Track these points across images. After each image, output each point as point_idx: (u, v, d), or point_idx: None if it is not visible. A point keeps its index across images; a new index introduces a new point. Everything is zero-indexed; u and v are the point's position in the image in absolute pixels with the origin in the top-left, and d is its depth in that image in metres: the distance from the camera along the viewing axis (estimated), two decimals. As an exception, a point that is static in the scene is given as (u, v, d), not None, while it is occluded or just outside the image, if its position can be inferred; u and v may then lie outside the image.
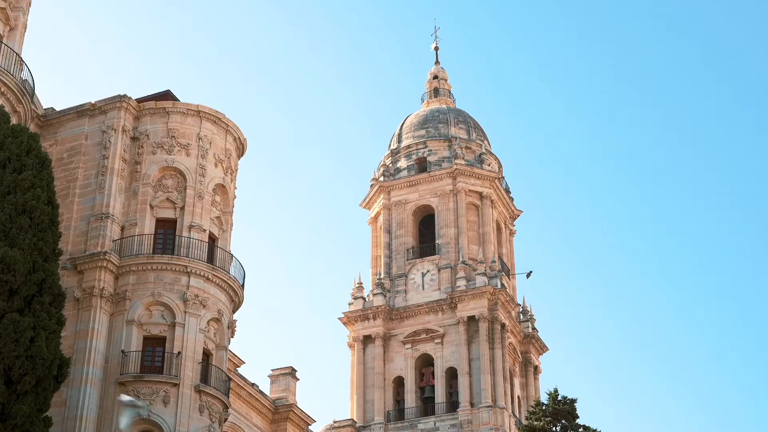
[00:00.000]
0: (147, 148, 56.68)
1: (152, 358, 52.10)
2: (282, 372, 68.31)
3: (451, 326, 78.60)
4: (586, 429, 60.70)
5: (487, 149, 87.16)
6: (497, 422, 73.96)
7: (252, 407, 63.76)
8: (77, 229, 54.65)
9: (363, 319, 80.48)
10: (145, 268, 53.40)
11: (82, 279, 53.20)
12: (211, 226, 56.34)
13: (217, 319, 54.43)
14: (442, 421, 76.18)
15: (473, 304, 77.89)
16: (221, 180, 57.90)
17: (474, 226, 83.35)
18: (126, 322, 52.23)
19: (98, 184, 55.50)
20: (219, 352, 54.58)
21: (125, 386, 50.70)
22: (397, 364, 79.38)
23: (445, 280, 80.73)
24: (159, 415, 50.28)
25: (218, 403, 52.84)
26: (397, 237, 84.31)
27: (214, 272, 54.45)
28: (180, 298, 52.95)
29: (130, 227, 54.84)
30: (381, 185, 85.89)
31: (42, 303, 40.39)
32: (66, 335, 47.09)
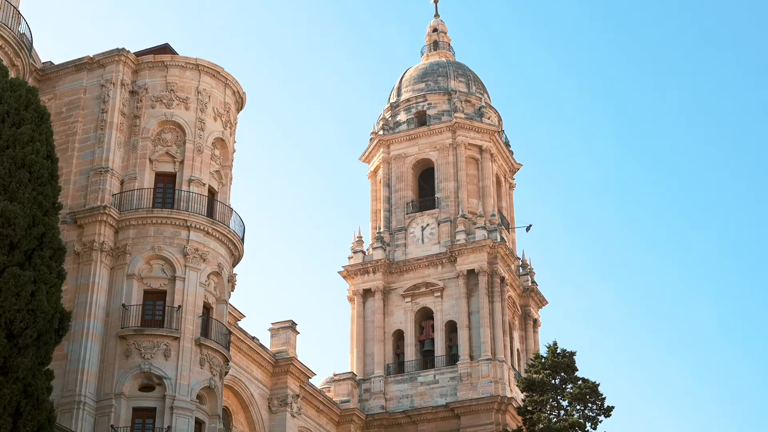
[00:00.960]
0: (146, 102, 56.57)
1: (153, 311, 52.29)
2: (282, 326, 68.58)
3: (450, 280, 78.73)
4: (584, 381, 60.97)
5: (486, 102, 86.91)
6: (496, 375, 74.26)
7: (252, 361, 64.06)
8: (77, 183, 54.67)
9: (363, 273, 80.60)
10: (145, 222, 53.47)
11: (82, 233, 53.28)
12: (210, 180, 56.34)
13: (217, 273, 54.56)
14: (441, 374, 76.50)
15: (473, 258, 77.98)
16: (220, 134, 57.82)
17: (473, 180, 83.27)
18: (126, 276, 52.37)
19: (97, 138, 55.45)
20: (219, 306, 54.76)
21: (126, 340, 50.94)
22: (396, 318, 79.59)
23: (445, 233, 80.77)
24: (160, 369, 50.54)
25: (219, 357, 53.08)
26: (396, 191, 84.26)
27: (214, 226, 54.50)
28: (180, 252, 53.05)
29: (129, 181, 54.86)
30: (380, 139, 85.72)
31: (42, 257, 40.42)
32: (66, 289, 47.20)
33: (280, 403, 65.22)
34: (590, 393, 60.52)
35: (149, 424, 49.83)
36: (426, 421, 74.48)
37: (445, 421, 74.03)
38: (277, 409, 65.14)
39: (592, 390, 60.60)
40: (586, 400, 60.48)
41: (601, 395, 60.80)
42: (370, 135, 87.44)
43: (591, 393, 60.54)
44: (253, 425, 63.87)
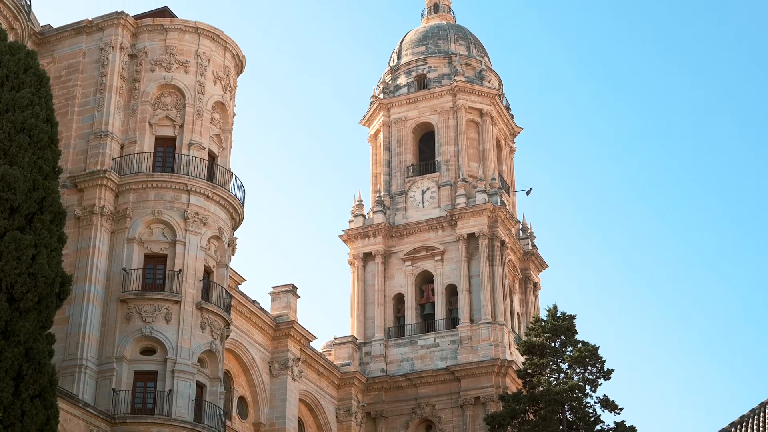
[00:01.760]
0: (145, 66, 56.43)
1: (153, 275, 52.41)
2: (283, 289, 68.68)
3: (450, 243, 78.74)
4: (584, 345, 61.13)
5: (487, 66, 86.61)
6: (497, 338, 74.43)
7: (253, 324, 64.23)
8: (76, 147, 54.65)
9: (363, 237, 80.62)
10: (145, 186, 53.48)
11: (83, 197, 53.31)
12: (210, 143, 56.28)
13: (218, 237, 54.61)
14: (441, 337, 76.67)
15: (473, 222, 77.95)
16: (220, 97, 57.70)
17: (474, 144, 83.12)
18: (127, 240, 52.45)
19: (97, 102, 55.37)
20: (220, 270, 54.85)
21: (127, 304, 51.07)
22: (397, 282, 79.67)
23: (445, 197, 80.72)
24: (161, 332, 50.72)
25: (220, 320, 53.23)
26: (396, 154, 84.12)
27: (214, 190, 54.51)
28: (180, 216, 53.07)
29: (129, 145, 54.83)
30: (380, 102, 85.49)
31: (43, 221, 40.42)
32: (67, 253, 47.30)
33: (281, 367, 65.45)
34: (590, 356, 60.70)
35: (150, 387, 50.08)
36: (426, 384, 74.76)
37: (445, 384, 74.30)
38: (278, 372, 65.38)
39: (591, 353, 60.77)
40: (586, 363, 60.66)
41: (601, 358, 60.98)
42: (370, 98, 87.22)
43: (591, 356, 60.72)
44: (254, 388, 64.13)
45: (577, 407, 59.50)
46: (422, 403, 74.37)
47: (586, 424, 59.55)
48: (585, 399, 60.13)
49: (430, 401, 74.28)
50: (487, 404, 71.59)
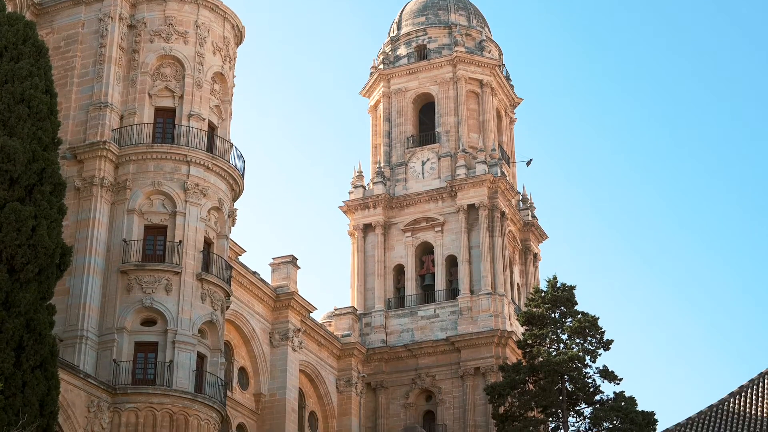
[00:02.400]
0: (144, 36, 56.26)
1: (153, 246, 52.45)
2: (283, 260, 68.73)
3: (451, 214, 78.73)
4: (584, 315, 61.18)
5: (487, 36, 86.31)
6: (497, 309, 74.56)
7: (254, 295, 64.32)
8: (76, 118, 54.56)
9: (363, 208, 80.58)
10: (145, 158, 53.44)
11: (82, 168, 53.28)
12: (210, 114, 56.19)
13: (218, 208, 54.60)
14: (442, 308, 76.79)
15: (473, 192, 77.92)
16: (220, 68, 57.56)
17: (474, 114, 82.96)
18: (127, 212, 52.45)
19: (96, 73, 55.24)
20: (220, 241, 54.87)
21: (127, 275, 51.13)
22: (397, 252, 79.71)
23: (445, 168, 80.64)
24: (161, 303, 50.79)
25: (220, 291, 53.30)
26: (396, 125, 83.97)
27: (214, 161, 54.47)
28: (180, 187, 53.05)
29: (129, 116, 54.74)
30: (380, 73, 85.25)
31: (42, 192, 40.40)
32: (67, 225, 47.33)
33: (282, 338, 65.60)
34: (590, 326, 60.76)
35: (151, 358, 50.21)
36: (426, 354, 74.94)
37: (445, 354, 74.47)
38: (278, 343, 65.53)
39: (591, 323, 60.83)
40: (586, 333, 60.74)
41: (601, 329, 61.05)
42: (370, 69, 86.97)
43: (590, 326, 60.78)
44: (254, 359, 64.30)
45: (576, 378, 59.63)
46: (422, 373, 74.58)
47: (585, 395, 59.71)
48: (584, 369, 60.24)
49: (430, 372, 74.48)
50: (486, 375, 71.80)
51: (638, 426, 57.08)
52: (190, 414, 49.41)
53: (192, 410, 49.55)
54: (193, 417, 49.51)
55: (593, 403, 59.95)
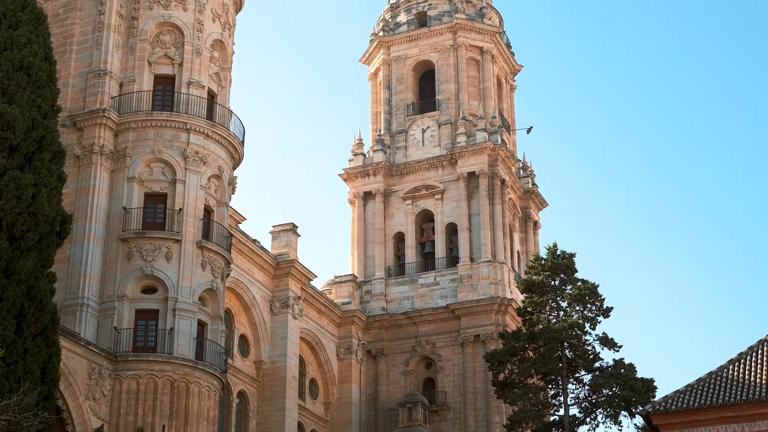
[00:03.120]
0: (144, 3, 56.02)
1: (154, 214, 52.44)
2: (283, 228, 68.76)
3: (451, 182, 78.69)
4: (584, 283, 61.19)
5: (487, 3, 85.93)
6: (497, 277, 74.65)
7: (254, 263, 64.38)
8: (75, 86, 54.42)
9: (363, 176, 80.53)
10: (145, 125, 53.36)
11: (82, 136, 53.21)
12: (209, 82, 56.04)
13: (218, 176, 54.56)
14: (442, 275, 76.89)
15: (473, 160, 77.85)
16: (219, 35, 57.34)
17: (474, 82, 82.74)
18: (127, 179, 52.41)
19: (95, 41, 55.03)
20: (220, 209, 54.87)
21: (127, 243, 51.15)
22: (397, 220, 79.71)
23: (445, 135, 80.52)
24: (162, 271, 50.84)
25: (220, 259, 53.35)
26: (397, 93, 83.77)
27: (214, 129, 54.37)
28: (180, 155, 53.00)
29: (128, 84, 54.60)
30: (381, 40, 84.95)
31: (42, 160, 40.35)
32: (67, 192, 47.30)
33: (282, 305, 65.72)
34: (589, 294, 60.79)
35: (152, 325, 50.32)
36: (426, 322, 75.10)
37: (445, 322, 74.63)
38: (278, 310, 65.67)
39: (591, 291, 60.85)
40: (586, 301, 60.77)
41: (600, 296, 61.08)
42: (370, 36, 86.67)
43: (590, 294, 60.81)
44: (255, 327, 64.45)
45: (576, 345, 59.74)
46: (422, 341, 74.77)
47: (585, 362, 59.85)
48: (584, 336, 60.32)
49: (430, 339, 74.66)
50: (486, 342, 71.98)
51: (637, 393, 57.24)
52: (190, 381, 49.59)
53: (193, 377, 49.72)
54: (194, 384, 49.69)
55: (593, 370, 60.09)
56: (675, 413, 41.93)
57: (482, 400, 71.46)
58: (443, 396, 73.07)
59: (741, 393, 41.54)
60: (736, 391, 41.75)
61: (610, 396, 58.63)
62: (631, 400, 57.57)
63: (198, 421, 49.46)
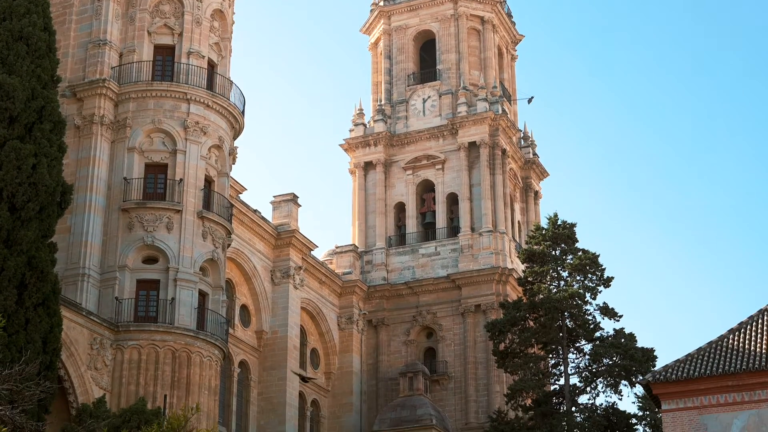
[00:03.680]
0: (143, -28, 55.76)
1: (154, 185, 52.45)
2: (284, 198, 68.74)
3: (452, 152, 78.60)
4: (584, 252, 61.30)
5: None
6: (497, 246, 74.69)
7: (255, 233, 64.42)
8: (75, 56, 54.32)
9: (364, 146, 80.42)
10: (145, 95, 53.30)
11: (82, 106, 53.15)
12: (209, 52, 55.91)
13: (218, 146, 54.53)
14: (443, 245, 76.94)
15: (474, 130, 77.74)
16: (219, 5, 57.15)
17: (475, 51, 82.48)
18: (127, 150, 52.41)
19: (95, 10, 54.86)
20: (220, 179, 54.87)
21: (128, 213, 51.18)
22: (398, 190, 79.67)
23: (446, 105, 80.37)
24: (162, 241, 50.91)
25: (221, 229, 53.40)
26: (397, 63, 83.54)
27: (214, 99, 54.30)
28: (180, 125, 52.96)
29: (128, 54, 54.49)
30: (381, 10, 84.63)
31: (42, 130, 40.33)
32: (67, 163, 47.31)
33: (283, 275, 65.81)
34: (590, 264, 60.91)
35: (153, 295, 50.44)
36: (427, 292, 75.20)
37: (446, 292, 74.72)
38: (279, 280, 65.76)
39: (591, 261, 60.97)
40: (586, 270, 60.91)
41: (601, 266, 61.22)
42: (371, 6, 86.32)
43: (591, 264, 60.93)
44: (256, 297, 64.56)
45: (576, 314, 59.93)
46: (423, 310, 74.89)
47: (585, 331, 60.03)
48: (585, 306, 60.52)
49: (431, 309, 74.78)
50: (487, 312, 72.11)
51: (638, 362, 57.46)
52: (192, 351, 49.76)
53: (194, 347, 49.89)
54: (195, 354, 49.86)
55: (593, 339, 60.30)
56: (675, 382, 42.08)
57: (483, 370, 71.67)
58: (444, 365, 73.28)
59: (741, 362, 41.68)
60: (736, 361, 41.88)
61: (611, 365, 58.85)
62: (631, 369, 57.80)
63: (199, 391, 49.65)
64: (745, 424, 41.04)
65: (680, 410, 42.08)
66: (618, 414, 58.74)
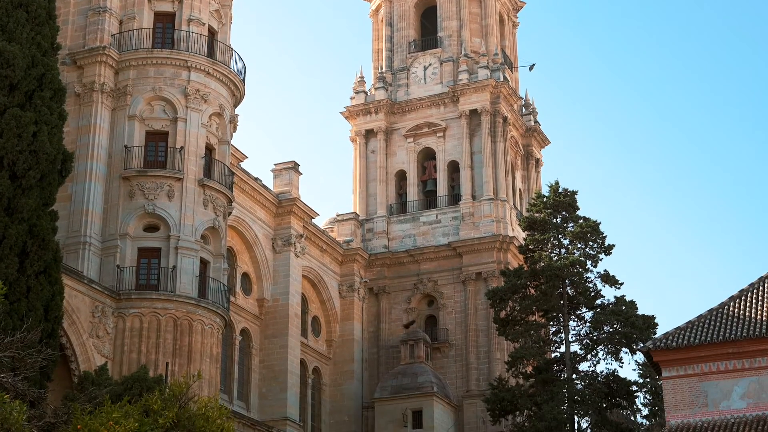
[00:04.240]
0: (142, -60, 55.44)
1: (155, 152, 52.38)
2: (285, 166, 68.65)
3: (453, 120, 78.43)
4: (586, 220, 61.24)
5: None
6: (498, 214, 74.67)
7: (256, 201, 64.38)
8: (75, 23, 54.11)
9: (365, 114, 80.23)
10: (145, 63, 53.14)
11: (82, 74, 53.01)
12: (210, 19, 55.67)
13: (219, 114, 54.41)
14: (443, 213, 76.90)
15: (475, 98, 77.51)
16: (219, -28, 56.87)
17: (476, 18, 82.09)
18: (128, 117, 52.30)
19: (94, -23, 54.57)
20: (221, 147, 54.79)
21: (129, 181, 51.13)
22: (399, 158, 79.57)
23: (447, 73, 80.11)
24: (164, 209, 50.88)
25: (222, 197, 53.35)
26: (398, 30, 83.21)
27: (214, 66, 54.14)
28: (181, 93, 52.83)
29: (128, 21, 54.28)
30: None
31: (43, 98, 40.20)
32: (68, 131, 47.20)
33: (284, 243, 65.82)
34: (591, 231, 60.85)
35: (154, 263, 50.45)
36: (428, 260, 75.24)
37: (447, 260, 74.75)
38: (280, 249, 65.77)
39: (593, 228, 60.90)
40: (587, 238, 60.86)
41: (602, 233, 61.17)
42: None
43: (592, 231, 60.87)
44: (257, 265, 64.60)
45: (577, 282, 59.96)
46: (424, 278, 74.96)
47: (586, 299, 60.08)
48: (586, 274, 60.52)
49: (431, 277, 74.86)
50: (488, 280, 72.17)
51: (638, 330, 57.52)
52: (193, 319, 49.85)
53: (196, 315, 49.97)
54: (196, 322, 49.95)
55: (594, 307, 60.35)
56: (675, 350, 42.17)
57: (484, 337, 71.83)
58: (445, 333, 73.43)
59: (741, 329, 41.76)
60: (737, 328, 41.96)
61: (611, 333, 58.94)
62: (631, 336, 57.88)
63: (201, 358, 49.78)
64: (745, 391, 41.18)
65: (681, 377, 42.20)
66: (618, 381, 58.87)
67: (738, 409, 40.96)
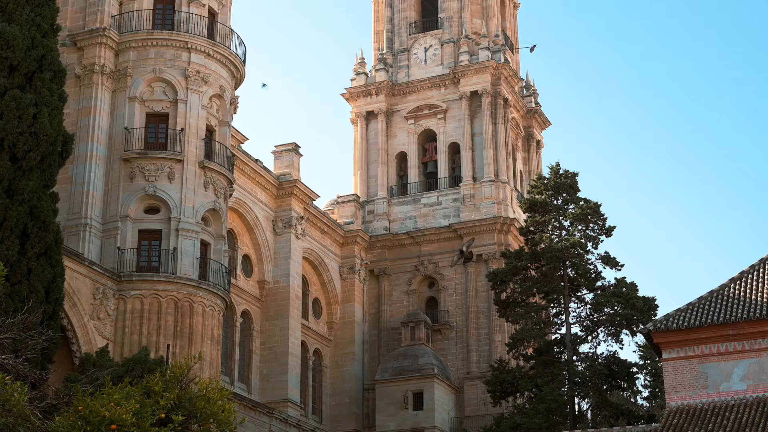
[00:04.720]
0: None
1: (155, 134, 52.34)
2: (285, 148, 68.61)
3: (453, 101, 78.31)
4: (586, 202, 61.17)
5: None
6: (499, 196, 74.64)
7: (256, 183, 64.36)
8: (75, 4, 54.00)
9: (365, 95, 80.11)
10: (145, 44, 53.05)
11: (82, 56, 52.92)
12: (210, 0, 55.50)
13: (219, 96, 54.33)
14: (444, 195, 76.88)
15: (476, 79, 77.38)
16: (219, -48, 56.68)
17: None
18: (128, 99, 52.23)
19: (94, -42, 54.40)
20: (222, 129, 54.73)
21: (130, 163, 51.10)
22: (399, 140, 79.49)
23: (448, 54, 79.94)
24: (164, 191, 50.86)
25: (223, 179, 53.33)
26: (399, 11, 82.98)
27: (215, 48, 54.04)
28: (181, 75, 52.74)
29: (128, 2, 54.19)
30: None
31: (43, 79, 40.08)
32: (68, 112, 47.14)
33: (285, 225, 65.82)
34: (592, 213, 60.78)
35: (155, 245, 50.47)
36: (429, 242, 75.26)
37: (447, 241, 74.76)
38: (281, 230, 65.77)
39: (593, 210, 60.83)
40: (588, 220, 60.80)
41: (603, 215, 61.09)
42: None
43: (593, 213, 60.80)
44: (258, 247, 64.61)
45: (578, 264, 59.93)
46: (425, 260, 74.99)
47: (587, 281, 60.07)
48: (586, 256, 60.48)
49: (432, 259, 74.90)
50: (489, 261, 72.21)
51: (639, 311, 57.54)
52: (194, 301, 49.88)
53: (197, 297, 50.01)
54: (197, 304, 49.99)
55: (595, 289, 60.35)
56: (676, 331, 42.15)
57: (484, 319, 71.91)
58: (446, 315, 73.51)
59: (742, 311, 41.74)
60: (737, 310, 41.94)
61: (612, 314, 58.95)
62: (632, 318, 57.91)
63: (202, 340, 49.84)
64: (745, 373, 41.17)
65: (681, 359, 42.19)
66: (619, 363, 58.94)
67: (738, 390, 40.96)
